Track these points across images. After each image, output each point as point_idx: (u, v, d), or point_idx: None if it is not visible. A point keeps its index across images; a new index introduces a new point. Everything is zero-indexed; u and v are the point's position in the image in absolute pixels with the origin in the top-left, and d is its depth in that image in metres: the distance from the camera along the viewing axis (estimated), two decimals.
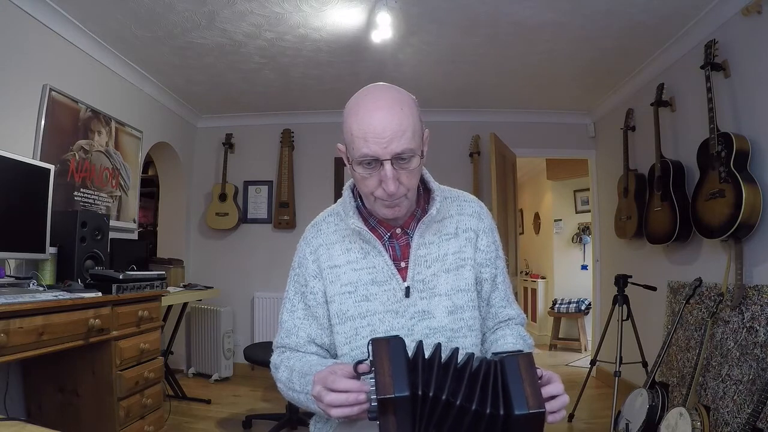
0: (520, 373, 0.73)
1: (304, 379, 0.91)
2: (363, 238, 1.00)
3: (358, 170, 0.91)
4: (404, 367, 0.72)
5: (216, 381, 3.86)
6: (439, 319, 0.98)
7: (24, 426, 0.91)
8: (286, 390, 0.98)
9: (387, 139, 0.86)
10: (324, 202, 4.57)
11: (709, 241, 2.50)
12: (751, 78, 2.28)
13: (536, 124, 4.26)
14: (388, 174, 0.87)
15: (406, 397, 0.70)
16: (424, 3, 2.52)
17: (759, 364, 2.07)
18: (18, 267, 2.27)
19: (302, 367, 0.95)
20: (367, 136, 0.86)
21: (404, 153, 0.87)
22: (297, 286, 1.06)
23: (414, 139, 0.89)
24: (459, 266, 1.01)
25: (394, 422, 0.71)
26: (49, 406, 2.14)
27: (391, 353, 0.73)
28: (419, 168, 0.94)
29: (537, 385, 0.73)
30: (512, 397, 0.71)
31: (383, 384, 0.70)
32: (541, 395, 0.72)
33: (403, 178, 0.90)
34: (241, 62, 3.24)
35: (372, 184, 0.91)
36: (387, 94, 0.91)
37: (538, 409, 0.70)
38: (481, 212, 1.08)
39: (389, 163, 0.87)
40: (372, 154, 0.87)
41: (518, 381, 0.73)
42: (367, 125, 0.87)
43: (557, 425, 2.91)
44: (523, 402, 0.70)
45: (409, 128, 0.88)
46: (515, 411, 0.70)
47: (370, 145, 0.86)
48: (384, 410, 0.71)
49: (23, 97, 2.35)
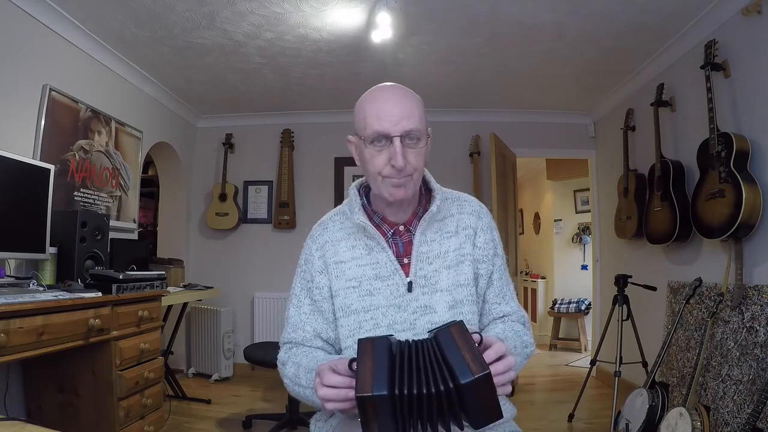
0: (455, 343, 0.75)
1: (310, 375, 0.93)
2: (367, 235, 1.04)
3: (368, 149, 0.97)
4: (386, 366, 0.74)
5: (216, 381, 3.86)
6: (441, 314, 1.00)
7: (24, 426, 0.91)
8: (293, 386, 1.00)
9: (397, 117, 0.95)
10: (324, 202, 4.60)
11: (709, 241, 2.50)
12: (751, 78, 2.28)
13: (536, 124, 4.26)
14: (398, 149, 0.94)
15: (384, 396, 0.71)
16: (424, 3, 2.52)
17: (759, 364, 2.07)
18: (18, 267, 2.27)
19: (309, 363, 0.97)
20: (380, 114, 0.95)
21: (413, 131, 0.96)
22: (303, 282, 1.09)
23: (421, 122, 0.98)
24: (459, 262, 1.04)
25: (375, 419, 0.72)
26: (49, 406, 2.14)
27: (375, 352, 0.75)
28: (425, 151, 1.00)
29: (475, 349, 0.74)
30: (454, 367, 0.72)
31: (363, 382, 0.72)
32: (482, 358, 0.73)
33: (411, 157, 0.96)
34: (241, 62, 3.24)
35: (381, 162, 0.97)
36: (398, 87, 1.02)
37: (481, 372, 0.71)
38: (480, 211, 1.12)
39: (399, 139, 0.95)
40: (383, 130, 0.95)
41: (456, 351, 0.74)
42: (379, 106, 0.97)
43: (558, 424, 2.93)
44: (466, 369, 0.72)
45: (417, 112, 0.97)
46: (461, 380, 0.71)
47: (383, 122, 0.95)
48: (363, 408, 0.72)
49: (23, 97, 2.35)
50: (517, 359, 0.97)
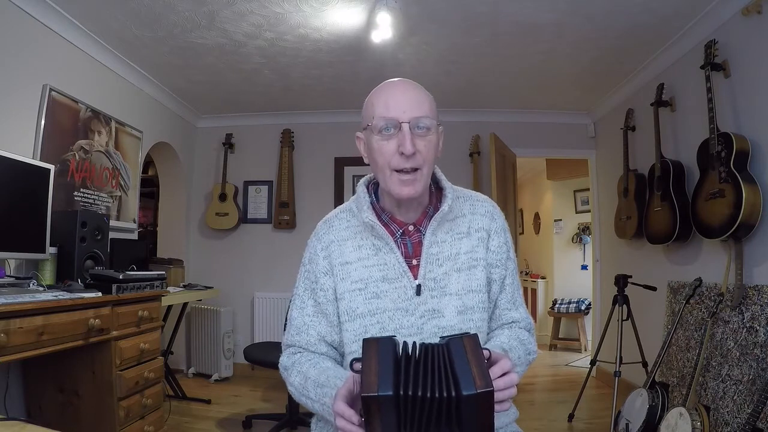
0: (466, 354, 0.75)
1: (321, 390, 0.91)
2: (375, 234, 1.00)
3: (376, 139, 0.95)
4: (391, 366, 0.73)
5: (216, 381, 3.86)
6: (449, 319, 0.97)
7: (24, 426, 0.90)
8: (299, 396, 0.98)
9: (406, 105, 0.93)
10: (324, 202, 4.59)
11: (709, 241, 2.50)
12: (751, 78, 2.28)
13: (536, 124, 4.26)
14: (406, 135, 0.91)
15: (389, 396, 0.71)
16: (424, 3, 2.52)
17: (759, 364, 2.07)
18: (18, 267, 2.27)
19: (318, 376, 0.94)
20: (388, 102, 0.94)
21: (422, 119, 0.93)
22: (307, 283, 1.06)
23: (431, 112, 0.95)
24: (471, 266, 1.01)
25: (378, 419, 0.72)
26: (49, 406, 2.13)
27: (380, 353, 0.75)
28: (436, 143, 0.97)
29: (483, 364, 0.74)
30: (459, 378, 0.72)
31: (368, 383, 0.72)
32: (488, 374, 0.73)
33: (420, 146, 0.93)
34: (241, 62, 3.24)
35: (389, 150, 0.93)
36: (408, 81, 1.00)
37: (485, 388, 0.71)
38: (494, 212, 1.08)
39: (407, 125, 0.92)
40: (392, 116, 0.92)
41: (465, 362, 0.74)
42: (388, 94, 0.95)
43: (558, 424, 2.93)
44: (471, 382, 0.72)
45: (427, 102, 0.95)
46: (463, 392, 0.71)
47: (391, 110, 0.93)
48: (368, 408, 0.72)
49: (23, 97, 2.35)
50: (519, 369, 0.97)
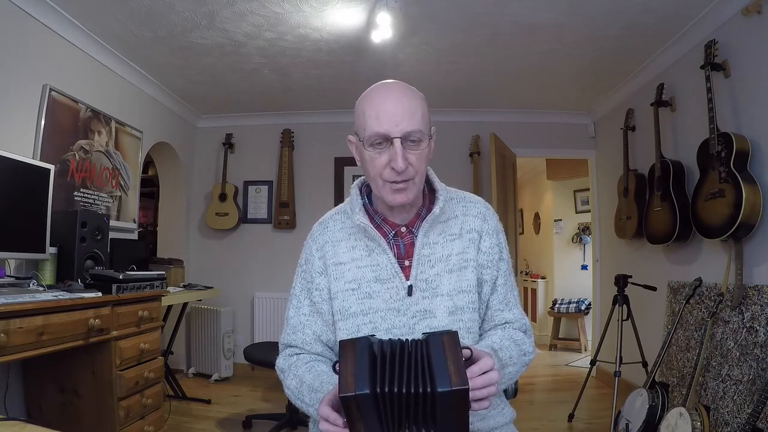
0: (444, 351, 0.75)
1: (314, 395, 0.93)
2: (368, 236, 1.01)
3: (368, 150, 0.94)
4: (367, 365, 0.74)
5: (216, 381, 3.86)
6: (440, 319, 0.98)
7: (24, 426, 0.90)
8: (295, 399, 1.00)
9: (398, 117, 0.91)
10: (324, 202, 4.60)
11: (709, 241, 2.50)
12: (751, 78, 2.28)
13: (536, 124, 4.26)
14: (398, 151, 0.90)
15: (366, 395, 0.72)
16: (424, 3, 2.52)
17: (759, 364, 2.07)
18: (18, 267, 2.27)
19: (312, 381, 0.96)
20: (379, 114, 0.91)
21: (414, 133, 0.92)
22: (303, 283, 1.08)
23: (423, 122, 0.94)
24: (462, 267, 1.01)
25: (360, 420, 0.73)
26: (49, 406, 2.13)
27: (356, 353, 0.76)
28: (428, 153, 0.97)
29: (461, 362, 0.74)
30: (435, 374, 0.73)
31: (345, 383, 0.73)
32: (464, 372, 0.73)
33: (412, 159, 0.93)
34: (241, 62, 3.24)
35: (381, 164, 0.93)
36: (399, 85, 0.97)
37: (460, 386, 0.71)
38: (486, 213, 1.08)
39: (399, 141, 0.91)
40: (383, 132, 0.91)
41: (442, 359, 0.74)
42: (379, 105, 0.92)
43: (558, 424, 2.93)
44: (447, 379, 0.72)
45: (419, 111, 0.93)
46: (438, 388, 0.72)
47: (382, 123, 0.91)
48: (348, 409, 0.73)
49: (23, 97, 2.35)
50: (513, 369, 0.97)
